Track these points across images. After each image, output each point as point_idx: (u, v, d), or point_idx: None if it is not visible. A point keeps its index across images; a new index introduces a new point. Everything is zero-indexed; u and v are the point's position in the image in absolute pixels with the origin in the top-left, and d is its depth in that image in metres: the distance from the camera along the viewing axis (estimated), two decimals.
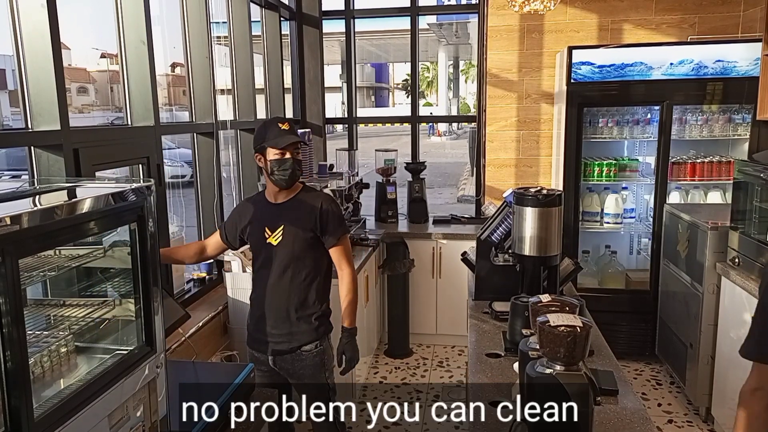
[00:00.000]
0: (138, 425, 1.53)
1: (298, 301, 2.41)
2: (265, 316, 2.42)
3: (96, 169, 2.32)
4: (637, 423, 1.74)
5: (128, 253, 1.57)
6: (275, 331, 2.42)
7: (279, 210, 2.40)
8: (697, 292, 3.45)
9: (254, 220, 2.44)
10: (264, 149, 2.33)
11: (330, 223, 2.40)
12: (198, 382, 2.16)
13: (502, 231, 2.83)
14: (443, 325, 4.61)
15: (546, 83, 4.71)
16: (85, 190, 1.56)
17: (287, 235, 2.37)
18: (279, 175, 2.32)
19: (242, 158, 4.05)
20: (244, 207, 2.55)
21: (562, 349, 1.45)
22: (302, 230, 2.38)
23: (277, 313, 2.42)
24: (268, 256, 2.39)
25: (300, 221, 2.38)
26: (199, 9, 3.34)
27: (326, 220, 2.39)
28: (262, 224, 2.40)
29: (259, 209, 2.46)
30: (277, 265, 2.39)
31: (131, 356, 1.54)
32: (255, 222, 2.43)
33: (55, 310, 1.62)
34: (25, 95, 2.12)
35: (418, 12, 5.11)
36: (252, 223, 2.44)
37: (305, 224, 2.38)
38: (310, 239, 2.39)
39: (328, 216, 2.40)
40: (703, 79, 3.90)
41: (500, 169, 4.92)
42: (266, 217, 2.41)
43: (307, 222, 2.38)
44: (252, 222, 2.44)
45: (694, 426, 3.45)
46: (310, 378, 2.44)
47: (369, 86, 36.51)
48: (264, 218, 2.41)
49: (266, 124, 2.39)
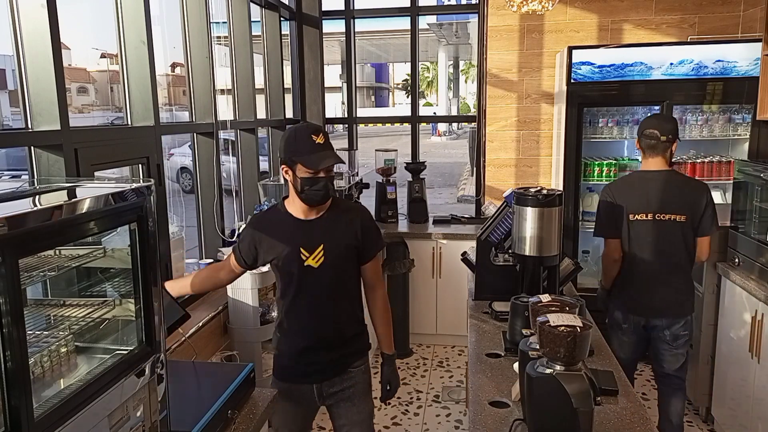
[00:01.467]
0: (138, 425, 1.53)
1: (349, 323, 2.23)
2: (312, 346, 2.20)
3: (95, 168, 2.32)
4: (637, 423, 1.74)
5: (128, 253, 1.57)
6: (326, 358, 2.21)
7: (314, 227, 2.13)
8: (697, 292, 3.45)
9: (283, 240, 2.13)
10: (293, 164, 2.04)
11: (371, 237, 2.20)
12: (198, 382, 2.16)
13: (502, 231, 2.83)
14: (443, 325, 4.61)
15: (546, 83, 4.71)
16: (85, 190, 1.56)
17: (330, 255, 2.11)
18: (310, 195, 2.05)
19: (242, 158, 4.05)
20: (261, 225, 2.22)
21: (562, 349, 1.45)
22: (345, 247, 2.15)
23: (327, 340, 2.20)
24: (308, 281, 2.12)
25: (343, 238, 2.14)
26: (199, 9, 3.34)
27: (367, 233, 2.18)
28: (295, 245, 2.10)
29: (286, 227, 2.15)
30: (320, 289, 2.13)
31: (131, 356, 1.54)
32: (284, 243, 2.12)
33: (55, 310, 1.62)
34: (25, 95, 2.12)
35: (418, 12, 5.11)
36: (280, 244, 2.13)
37: (348, 240, 2.15)
38: (353, 256, 2.18)
39: (370, 230, 2.20)
40: (703, 79, 3.90)
41: (500, 169, 4.92)
42: (298, 236, 2.12)
43: (350, 238, 2.15)
44: (280, 243, 2.13)
45: (694, 426, 3.45)
46: (359, 397, 2.29)
47: (369, 86, 36.52)
48: (296, 238, 2.12)
49: (297, 133, 2.06)
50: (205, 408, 1.82)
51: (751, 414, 2.93)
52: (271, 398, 2.11)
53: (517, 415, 1.78)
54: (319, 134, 2.03)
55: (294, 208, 2.15)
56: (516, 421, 1.75)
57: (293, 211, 2.15)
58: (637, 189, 2.84)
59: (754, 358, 2.88)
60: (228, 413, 1.89)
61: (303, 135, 2.04)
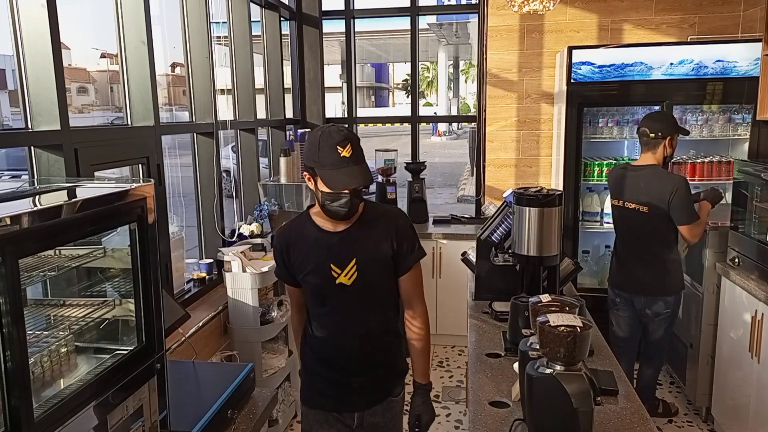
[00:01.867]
0: (138, 425, 1.53)
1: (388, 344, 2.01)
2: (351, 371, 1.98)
3: (95, 168, 2.32)
4: (637, 423, 1.74)
5: (128, 253, 1.57)
6: (368, 383, 2.00)
7: (345, 239, 1.89)
8: (697, 292, 3.45)
9: (310, 256, 1.91)
10: (315, 174, 1.81)
11: (408, 246, 1.94)
12: (198, 382, 2.16)
13: (502, 231, 2.83)
14: (443, 325, 4.61)
15: (546, 83, 4.71)
16: (85, 190, 1.56)
17: (364, 271, 1.88)
18: (332, 210, 1.82)
19: (242, 158, 4.05)
20: (286, 238, 1.96)
21: (562, 349, 1.45)
22: (380, 260, 1.91)
23: (367, 363, 1.99)
24: (340, 300, 1.91)
25: (377, 249, 1.90)
26: (199, 9, 3.34)
27: (404, 242, 1.93)
28: (324, 261, 1.88)
29: (313, 241, 1.91)
30: (355, 308, 1.92)
31: (131, 356, 1.54)
32: (312, 259, 1.90)
33: (55, 310, 1.62)
34: (25, 95, 2.12)
35: (418, 12, 5.11)
36: (307, 260, 1.91)
37: (383, 251, 1.90)
38: (389, 269, 1.94)
39: (407, 237, 1.95)
40: (703, 79, 3.90)
41: (500, 169, 4.92)
42: (327, 250, 1.88)
43: (385, 248, 1.90)
44: (307, 259, 1.91)
45: (694, 426, 3.45)
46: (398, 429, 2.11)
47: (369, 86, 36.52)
48: (324, 252, 1.88)
49: (322, 141, 1.77)
50: (205, 408, 1.82)
51: (751, 414, 2.93)
52: (271, 398, 2.11)
53: (517, 415, 1.78)
54: (347, 145, 1.75)
55: (321, 219, 1.91)
56: (516, 421, 1.75)
57: (321, 223, 1.91)
58: (620, 178, 3.20)
59: (754, 358, 2.88)
60: (228, 413, 1.89)
61: (327, 144, 1.75)
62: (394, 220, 1.95)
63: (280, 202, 3.93)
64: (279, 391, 3.19)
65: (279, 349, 3.43)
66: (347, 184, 1.76)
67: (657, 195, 2.99)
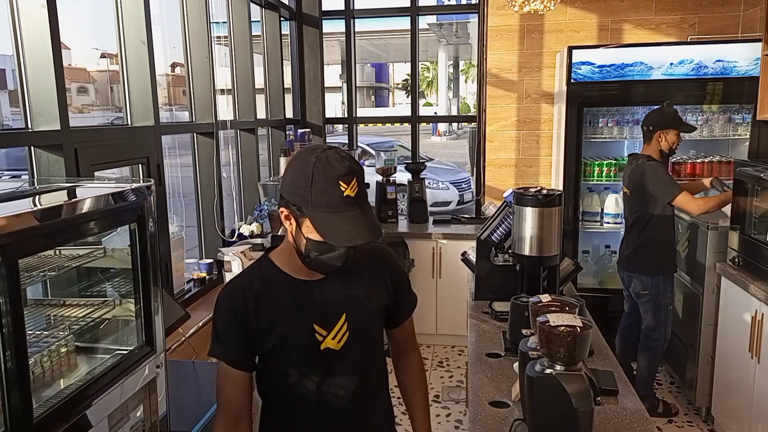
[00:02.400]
0: (138, 425, 1.53)
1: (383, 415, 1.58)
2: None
3: (95, 169, 2.32)
4: (637, 423, 1.74)
5: (128, 253, 1.57)
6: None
7: (327, 289, 1.42)
8: (697, 292, 3.45)
9: (283, 316, 1.39)
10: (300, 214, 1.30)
11: (405, 289, 1.58)
12: (198, 382, 2.16)
13: (502, 231, 2.83)
14: (443, 325, 4.61)
15: (546, 83, 4.71)
16: (85, 190, 1.56)
17: (356, 330, 1.43)
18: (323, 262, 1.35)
19: (242, 158, 4.05)
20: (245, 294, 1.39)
21: (562, 349, 1.45)
22: (376, 313, 1.50)
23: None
24: (324, 372, 1.43)
25: (370, 298, 1.48)
26: (199, 9, 3.34)
27: (401, 285, 1.56)
28: (305, 321, 1.39)
29: (287, 294, 1.40)
30: (343, 377, 1.45)
31: (131, 356, 1.54)
32: (285, 320, 1.39)
33: (55, 310, 1.62)
34: (25, 95, 2.12)
35: (418, 12, 5.11)
36: (281, 321, 1.39)
37: (378, 300, 1.50)
38: (382, 321, 1.54)
39: (403, 279, 1.58)
40: (703, 79, 3.90)
41: (500, 169, 4.92)
42: (307, 306, 1.40)
43: (380, 296, 1.50)
44: (281, 320, 1.39)
45: (694, 426, 3.45)
46: None
47: (369, 86, 36.51)
48: (303, 310, 1.40)
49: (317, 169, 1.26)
50: (205, 408, 1.82)
51: (751, 414, 2.93)
52: None
53: (517, 415, 1.78)
54: (352, 180, 1.27)
55: (292, 265, 1.41)
56: (516, 421, 1.75)
57: (292, 270, 1.41)
58: (625, 166, 3.55)
59: (754, 358, 2.88)
60: None
61: (325, 177, 1.26)
62: (384, 260, 1.53)
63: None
64: None
65: None
66: (352, 239, 1.27)
67: (635, 180, 3.33)
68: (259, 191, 4.04)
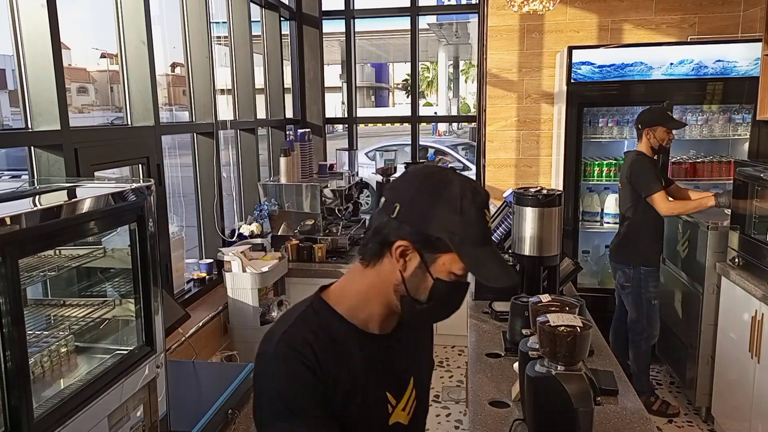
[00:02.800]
0: (138, 425, 1.53)
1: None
2: None
3: (95, 168, 2.32)
4: (637, 423, 1.74)
5: (128, 253, 1.57)
6: None
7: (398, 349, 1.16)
8: (697, 292, 3.45)
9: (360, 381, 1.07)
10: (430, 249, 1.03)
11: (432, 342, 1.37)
12: (198, 382, 2.16)
13: (502, 231, 2.83)
14: (443, 325, 4.58)
15: (546, 83, 4.71)
16: (85, 190, 1.56)
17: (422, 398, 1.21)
18: (428, 315, 1.12)
19: (242, 158, 4.05)
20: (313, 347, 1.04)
21: (562, 349, 1.45)
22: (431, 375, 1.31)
23: None
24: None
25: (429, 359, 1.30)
26: (199, 9, 3.34)
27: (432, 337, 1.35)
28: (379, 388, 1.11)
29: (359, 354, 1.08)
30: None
31: (131, 356, 1.54)
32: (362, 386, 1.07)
33: (55, 310, 1.62)
34: (25, 95, 2.12)
35: (418, 12, 5.11)
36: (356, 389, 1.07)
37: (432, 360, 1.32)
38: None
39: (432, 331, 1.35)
40: (703, 79, 3.90)
41: (500, 169, 4.92)
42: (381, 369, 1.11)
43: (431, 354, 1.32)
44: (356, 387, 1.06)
45: (694, 426, 3.45)
46: None
47: (369, 86, 36.51)
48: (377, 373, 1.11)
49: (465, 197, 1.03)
50: (205, 408, 1.82)
51: (751, 414, 2.93)
52: None
53: (517, 415, 1.78)
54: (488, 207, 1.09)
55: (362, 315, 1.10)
56: (516, 421, 1.74)
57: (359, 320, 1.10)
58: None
59: (754, 358, 2.88)
60: (228, 413, 1.89)
61: (476, 203, 1.03)
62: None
63: (280, 202, 3.93)
64: None
65: None
66: (508, 277, 1.05)
67: (623, 173, 3.46)
68: (259, 191, 4.04)
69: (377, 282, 1.07)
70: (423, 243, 1.02)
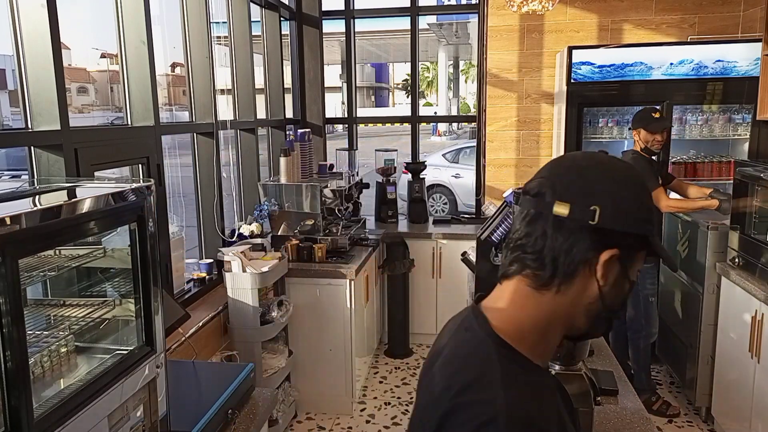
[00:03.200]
0: (138, 425, 1.53)
1: None
2: None
3: (95, 168, 2.32)
4: (637, 423, 1.74)
5: (128, 253, 1.57)
6: None
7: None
8: (697, 292, 3.45)
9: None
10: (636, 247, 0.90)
11: None
12: (198, 382, 2.16)
13: (502, 231, 2.82)
14: (443, 324, 4.61)
15: (546, 83, 4.71)
16: (85, 190, 1.56)
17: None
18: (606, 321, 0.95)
19: (242, 158, 4.05)
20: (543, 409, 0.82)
21: (561, 349, 1.45)
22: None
23: None
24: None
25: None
26: (199, 9, 3.34)
27: None
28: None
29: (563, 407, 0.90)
30: None
31: (131, 356, 1.53)
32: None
33: (55, 310, 1.62)
34: (25, 95, 2.12)
35: (418, 12, 5.11)
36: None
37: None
38: None
39: None
40: (703, 79, 3.90)
41: (500, 169, 4.92)
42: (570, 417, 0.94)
43: None
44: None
45: (694, 426, 3.45)
46: None
47: (369, 86, 36.51)
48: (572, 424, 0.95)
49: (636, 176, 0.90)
50: (205, 408, 1.82)
51: (751, 414, 2.93)
52: (271, 398, 2.11)
53: None
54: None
55: (539, 349, 0.90)
56: None
57: (542, 362, 0.90)
58: None
59: (754, 358, 2.88)
60: (228, 413, 1.89)
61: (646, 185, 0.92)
62: None
63: (280, 202, 3.93)
64: (279, 391, 3.20)
65: (279, 349, 3.43)
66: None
67: None
68: (259, 191, 4.04)
69: (564, 307, 0.88)
70: (629, 245, 0.88)
